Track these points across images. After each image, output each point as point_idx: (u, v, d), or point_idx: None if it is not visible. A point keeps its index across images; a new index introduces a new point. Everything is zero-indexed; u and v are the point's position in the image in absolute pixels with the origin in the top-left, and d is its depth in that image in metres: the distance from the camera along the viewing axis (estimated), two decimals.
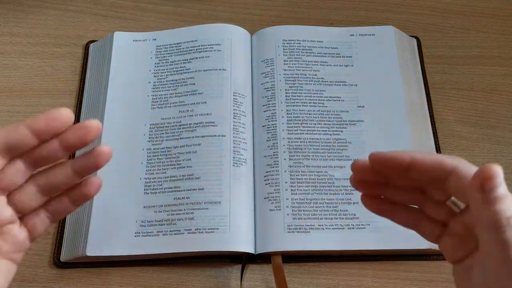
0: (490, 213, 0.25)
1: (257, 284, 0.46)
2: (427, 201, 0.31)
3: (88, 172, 0.32)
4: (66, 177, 0.32)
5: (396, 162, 0.29)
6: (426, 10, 0.62)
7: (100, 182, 0.33)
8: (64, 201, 0.33)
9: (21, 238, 0.32)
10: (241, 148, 0.49)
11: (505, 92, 0.56)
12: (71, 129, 0.30)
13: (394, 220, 0.33)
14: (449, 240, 0.31)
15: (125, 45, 0.55)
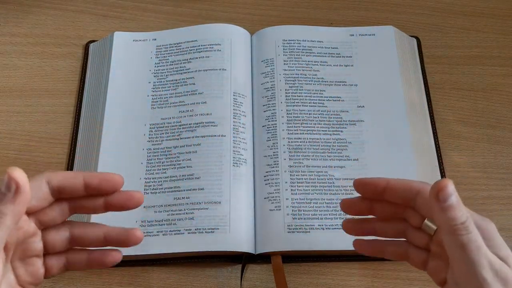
0: (447, 220, 0.29)
1: (257, 284, 0.46)
2: (409, 230, 0.35)
3: (115, 245, 0.34)
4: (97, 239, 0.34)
5: (373, 185, 0.35)
6: (426, 10, 0.62)
7: (119, 258, 0.34)
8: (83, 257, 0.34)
9: (40, 273, 0.34)
10: (241, 148, 0.49)
11: (505, 92, 0.56)
12: (118, 194, 0.34)
13: (386, 256, 0.37)
14: (432, 263, 0.35)
15: (125, 45, 0.56)
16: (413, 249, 0.36)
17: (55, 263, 0.34)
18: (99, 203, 0.33)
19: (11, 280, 0.33)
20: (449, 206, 0.30)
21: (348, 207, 0.37)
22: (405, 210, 0.35)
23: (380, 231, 0.37)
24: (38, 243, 0.33)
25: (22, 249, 0.33)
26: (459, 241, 0.29)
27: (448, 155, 0.52)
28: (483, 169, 0.51)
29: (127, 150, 0.49)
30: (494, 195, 0.50)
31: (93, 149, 0.50)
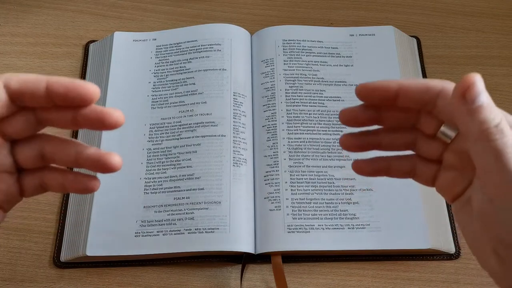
0: (478, 124, 0.25)
1: (257, 284, 0.46)
2: (419, 140, 0.31)
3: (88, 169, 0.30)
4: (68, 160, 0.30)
5: (384, 90, 0.29)
6: (426, 10, 0.62)
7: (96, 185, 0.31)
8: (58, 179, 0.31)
9: (13, 191, 0.31)
10: (241, 148, 0.49)
11: (505, 92, 0.56)
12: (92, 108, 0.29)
13: (391, 175, 0.32)
14: (445, 175, 0.30)
15: (125, 45, 0.55)
16: (422, 162, 0.31)
17: (30, 182, 0.31)
18: (67, 117, 0.29)
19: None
20: (479, 107, 0.25)
21: (349, 118, 0.31)
22: (418, 116, 0.30)
23: (386, 144, 0.32)
24: (5, 156, 0.30)
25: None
26: (493, 148, 0.25)
27: None
28: None
29: (127, 150, 0.49)
30: None
31: None
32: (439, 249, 0.45)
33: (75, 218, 0.47)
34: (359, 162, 0.33)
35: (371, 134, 0.32)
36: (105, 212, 0.46)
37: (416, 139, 0.31)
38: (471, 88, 0.25)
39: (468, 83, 0.25)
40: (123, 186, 0.47)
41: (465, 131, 0.26)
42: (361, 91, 0.30)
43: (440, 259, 0.46)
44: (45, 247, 0.46)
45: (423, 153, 0.31)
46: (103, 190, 0.45)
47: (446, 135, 0.29)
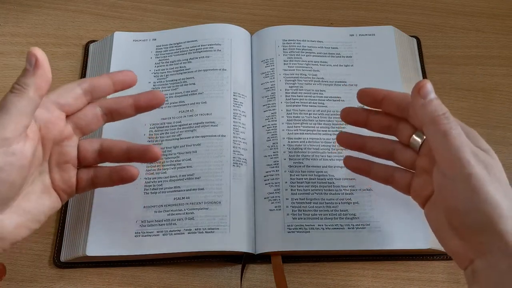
0: (429, 112, 0.33)
1: (257, 284, 0.46)
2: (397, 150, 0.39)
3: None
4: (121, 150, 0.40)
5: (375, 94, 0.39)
6: (426, 10, 0.62)
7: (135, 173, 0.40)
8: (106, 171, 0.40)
9: (72, 182, 0.39)
10: (241, 148, 0.49)
11: (505, 92, 0.56)
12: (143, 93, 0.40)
13: (372, 176, 0.41)
14: (417, 181, 0.37)
15: (125, 45, 0.56)
16: (399, 171, 0.39)
17: (85, 176, 0.39)
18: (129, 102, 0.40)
19: (47, 181, 0.37)
20: (430, 101, 0.34)
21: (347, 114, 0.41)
22: (397, 124, 0.39)
23: (369, 147, 0.41)
24: (73, 147, 0.38)
25: (59, 152, 0.37)
26: (442, 130, 0.32)
27: None
28: None
29: None
30: None
31: None
32: (439, 249, 0.45)
33: (75, 218, 0.47)
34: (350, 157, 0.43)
35: (359, 137, 0.42)
36: (105, 212, 0.46)
37: (394, 150, 0.39)
38: (423, 87, 0.34)
39: (422, 84, 0.34)
40: (123, 186, 0.47)
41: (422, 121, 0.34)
42: (360, 93, 0.40)
43: (440, 259, 0.46)
44: (45, 247, 0.46)
45: (400, 161, 0.39)
46: (103, 190, 0.45)
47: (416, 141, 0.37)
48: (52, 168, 0.37)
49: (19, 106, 0.33)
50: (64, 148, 0.37)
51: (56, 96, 0.37)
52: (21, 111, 0.33)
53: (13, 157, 0.32)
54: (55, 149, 0.37)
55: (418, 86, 0.34)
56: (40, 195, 0.36)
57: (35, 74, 0.33)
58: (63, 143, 0.37)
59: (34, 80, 0.33)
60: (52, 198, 0.37)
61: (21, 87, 0.33)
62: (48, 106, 0.36)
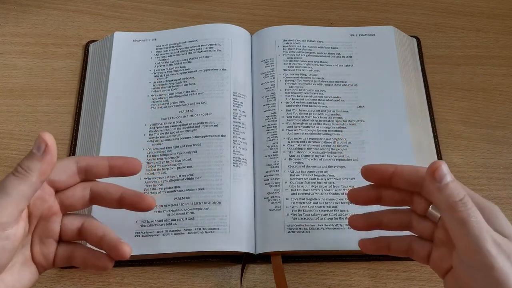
0: (445, 198, 0.31)
1: (257, 284, 0.46)
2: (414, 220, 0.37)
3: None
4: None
5: (382, 170, 0.36)
6: (426, 10, 0.62)
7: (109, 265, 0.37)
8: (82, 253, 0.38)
9: (50, 257, 0.37)
10: (241, 148, 0.49)
11: (505, 92, 0.56)
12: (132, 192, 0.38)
13: (391, 252, 0.38)
14: (437, 252, 0.35)
15: (125, 45, 0.56)
16: (417, 241, 0.37)
17: (63, 252, 0.37)
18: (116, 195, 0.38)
19: (27, 255, 0.36)
20: (445, 185, 0.31)
21: (356, 196, 0.38)
22: (412, 197, 0.36)
23: (385, 223, 0.38)
24: (57, 223, 0.36)
25: (44, 226, 0.36)
26: (459, 217, 0.30)
27: (448, 155, 0.52)
28: (483, 169, 0.51)
29: (127, 150, 0.49)
30: (494, 195, 0.50)
31: (93, 149, 0.50)
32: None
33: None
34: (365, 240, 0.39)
35: (373, 215, 0.38)
36: (105, 212, 0.46)
37: (411, 220, 0.37)
38: (438, 170, 0.31)
39: (435, 166, 0.31)
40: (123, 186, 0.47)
41: (438, 205, 0.33)
42: (365, 171, 0.37)
43: None
44: None
45: (418, 232, 0.37)
46: None
47: (433, 214, 0.35)
48: (34, 241, 0.36)
49: (20, 190, 0.32)
50: (49, 223, 0.36)
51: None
52: (21, 195, 0.32)
53: (6, 241, 0.32)
54: (41, 223, 0.36)
55: (432, 168, 0.32)
56: (21, 267, 0.35)
57: (42, 160, 0.32)
58: (49, 219, 0.36)
59: (40, 166, 0.32)
60: (31, 270, 0.36)
61: (24, 171, 0.32)
62: None
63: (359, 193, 0.38)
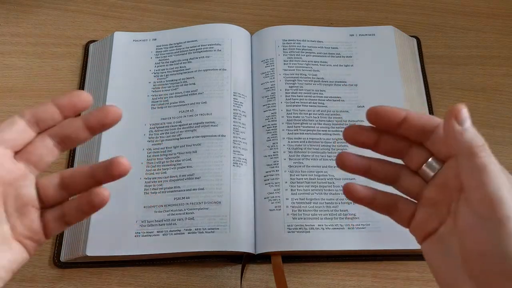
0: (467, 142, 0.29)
1: (257, 284, 0.46)
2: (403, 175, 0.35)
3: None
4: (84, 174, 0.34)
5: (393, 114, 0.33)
6: (426, 10, 0.62)
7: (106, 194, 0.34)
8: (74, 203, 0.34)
9: (37, 226, 0.33)
10: (241, 148, 0.49)
11: (505, 92, 0.56)
12: (93, 111, 0.34)
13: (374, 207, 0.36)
14: (422, 213, 0.33)
15: (125, 45, 0.56)
16: (403, 200, 0.35)
17: (51, 216, 0.34)
18: (78, 124, 0.34)
19: (5, 231, 0.32)
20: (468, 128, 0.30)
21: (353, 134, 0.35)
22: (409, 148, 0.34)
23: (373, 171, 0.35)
24: (30, 187, 0.33)
25: (14, 195, 0.33)
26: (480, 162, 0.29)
27: None
28: None
29: (127, 150, 0.49)
30: None
31: (93, 149, 0.50)
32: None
33: None
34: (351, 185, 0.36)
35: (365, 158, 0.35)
36: (105, 212, 0.46)
37: (400, 174, 0.35)
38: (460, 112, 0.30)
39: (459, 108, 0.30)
40: (123, 186, 0.47)
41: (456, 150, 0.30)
42: (373, 113, 0.34)
43: None
44: (45, 247, 0.46)
45: (403, 188, 0.35)
46: None
47: (432, 166, 0.33)
48: (10, 214, 0.33)
49: None
50: (19, 189, 0.33)
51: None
52: None
53: None
54: (9, 192, 0.33)
55: (454, 110, 0.30)
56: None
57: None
58: (16, 184, 0.33)
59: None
60: (14, 250, 0.33)
61: None
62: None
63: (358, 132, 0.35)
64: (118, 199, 0.47)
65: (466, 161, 0.29)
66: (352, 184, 0.36)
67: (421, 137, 0.33)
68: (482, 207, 0.28)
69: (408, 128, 0.33)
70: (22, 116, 0.33)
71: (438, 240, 0.32)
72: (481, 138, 0.30)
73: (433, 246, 0.32)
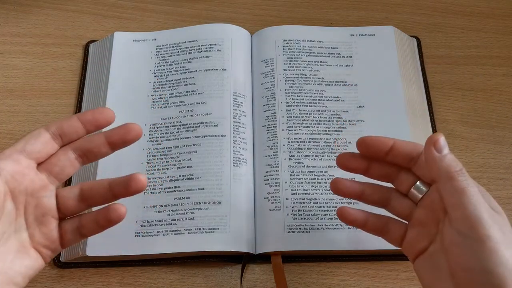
0: (446, 167, 0.32)
1: (257, 284, 0.46)
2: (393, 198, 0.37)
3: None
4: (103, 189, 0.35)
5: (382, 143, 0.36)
6: (426, 10, 0.62)
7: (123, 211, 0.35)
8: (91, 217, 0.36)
9: (54, 236, 0.35)
10: (241, 148, 0.49)
11: (505, 92, 0.56)
12: (116, 128, 0.36)
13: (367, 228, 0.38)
14: (412, 232, 0.36)
15: (125, 45, 0.56)
16: (394, 222, 0.37)
17: (69, 227, 0.35)
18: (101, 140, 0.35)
19: (24, 239, 0.34)
20: (445, 155, 0.33)
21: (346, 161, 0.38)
22: (398, 173, 0.37)
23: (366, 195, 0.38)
24: (50, 198, 0.34)
25: (35, 204, 0.34)
26: (459, 186, 0.31)
27: None
28: (482, 169, 0.51)
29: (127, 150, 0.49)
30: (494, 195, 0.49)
31: None
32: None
33: None
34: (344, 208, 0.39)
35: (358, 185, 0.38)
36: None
37: (391, 197, 0.38)
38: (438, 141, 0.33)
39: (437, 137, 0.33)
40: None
41: (437, 176, 0.33)
42: (362, 143, 0.37)
43: None
44: None
45: (395, 210, 0.37)
46: None
47: (419, 189, 0.36)
48: (30, 223, 0.34)
49: None
50: (40, 199, 0.34)
51: (22, 144, 0.34)
52: None
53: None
54: (30, 201, 0.34)
55: (433, 139, 0.33)
56: (16, 255, 0.33)
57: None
58: (38, 194, 0.34)
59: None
60: (31, 257, 0.34)
61: None
62: (14, 157, 0.33)
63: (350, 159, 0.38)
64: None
65: (446, 185, 0.32)
66: (345, 208, 0.38)
67: (408, 163, 0.36)
68: (463, 227, 0.31)
69: (396, 156, 0.36)
70: (47, 129, 0.34)
71: (428, 258, 0.34)
72: (458, 163, 0.32)
73: (424, 263, 0.34)
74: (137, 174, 0.34)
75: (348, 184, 0.38)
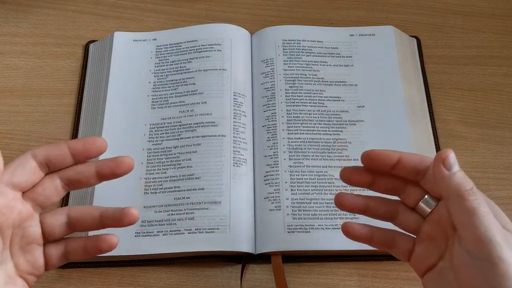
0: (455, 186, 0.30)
1: (257, 284, 0.46)
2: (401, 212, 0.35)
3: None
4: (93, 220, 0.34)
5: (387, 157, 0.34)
6: (426, 10, 0.62)
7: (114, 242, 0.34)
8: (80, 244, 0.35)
9: (40, 263, 0.34)
10: (241, 148, 0.49)
11: (505, 92, 0.56)
12: (107, 161, 0.35)
13: (373, 244, 0.36)
14: (421, 247, 0.34)
15: (125, 45, 0.56)
16: (401, 236, 0.35)
17: (54, 252, 0.34)
18: (91, 171, 0.34)
19: (10, 269, 0.32)
20: (454, 173, 0.31)
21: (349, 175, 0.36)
22: (405, 186, 0.35)
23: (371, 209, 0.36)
24: (35, 227, 0.33)
25: (20, 235, 0.33)
26: (469, 206, 0.30)
27: None
28: (482, 169, 0.51)
29: (127, 150, 0.49)
30: (494, 195, 0.50)
31: None
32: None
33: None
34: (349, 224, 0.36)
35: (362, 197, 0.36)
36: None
37: (397, 211, 0.36)
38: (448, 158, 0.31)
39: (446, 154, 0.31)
40: (123, 186, 0.47)
41: (446, 194, 0.31)
42: (366, 157, 0.35)
43: None
44: None
45: (402, 224, 0.36)
46: (103, 190, 0.45)
47: (428, 203, 0.34)
48: (15, 253, 0.33)
49: None
50: (26, 229, 0.33)
51: (8, 176, 0.32)
52: None
53: None
54: (16, 233, 0.33)
55: (442, 156, 0.31)
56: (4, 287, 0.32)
57: None
58: (24, 224, 0.33)
59: None
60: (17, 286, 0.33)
61: None
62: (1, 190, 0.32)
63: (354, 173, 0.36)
64: (118, 199, 0.47)
65: (456, 204, 0.30)
66: (349, 224, 0.36)
67: (414, 177, 0.34)
68: (474, 248, 0.29)
69: (401, 170, 0.34)
70: (34, 156, 0.33)
71: (438, 274, 0.32)
72: (469, 181, 0.31)
73: (433, 279, 0.33)
74: (130, 209, 0.34)
75: (352, 199, 0.36)
